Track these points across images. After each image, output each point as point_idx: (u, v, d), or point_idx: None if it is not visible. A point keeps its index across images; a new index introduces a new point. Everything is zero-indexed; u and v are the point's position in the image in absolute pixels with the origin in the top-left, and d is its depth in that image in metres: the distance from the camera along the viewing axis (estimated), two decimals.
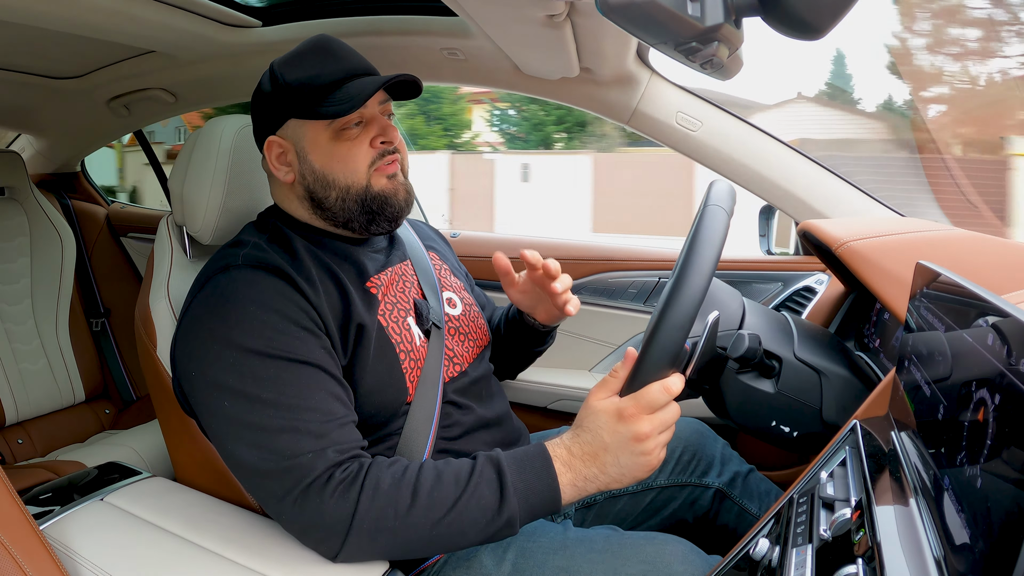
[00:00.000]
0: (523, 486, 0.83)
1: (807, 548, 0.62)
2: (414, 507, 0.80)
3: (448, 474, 0.83)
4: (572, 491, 0.84)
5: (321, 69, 0.97)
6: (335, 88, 0.96)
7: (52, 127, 2.17)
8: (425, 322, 1.03)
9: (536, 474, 0.84)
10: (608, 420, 0.83)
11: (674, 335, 0.80)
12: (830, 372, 0.97)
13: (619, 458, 0.83)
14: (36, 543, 0.75)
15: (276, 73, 0.98)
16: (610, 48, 1.27)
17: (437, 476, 0.83)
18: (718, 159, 1.52)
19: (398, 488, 0.81)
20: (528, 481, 0.83)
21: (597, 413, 0.84)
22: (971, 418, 0.49)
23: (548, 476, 0.83)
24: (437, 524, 0.80)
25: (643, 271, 1.70)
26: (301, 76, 0.96)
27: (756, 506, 1.18)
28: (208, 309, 0.89)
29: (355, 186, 0.98)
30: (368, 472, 0.82)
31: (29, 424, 1.90)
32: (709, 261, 0.80)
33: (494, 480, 0.83)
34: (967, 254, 1.01)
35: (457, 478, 0.83)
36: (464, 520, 0.81)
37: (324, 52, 0.99)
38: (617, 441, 0.83)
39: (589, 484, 0.84)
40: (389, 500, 0.80)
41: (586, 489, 0.84)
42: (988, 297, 0.52)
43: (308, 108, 0.97)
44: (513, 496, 0.82)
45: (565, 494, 0.84)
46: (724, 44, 0.60)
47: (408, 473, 0.83)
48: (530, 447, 0.87)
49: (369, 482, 0.81)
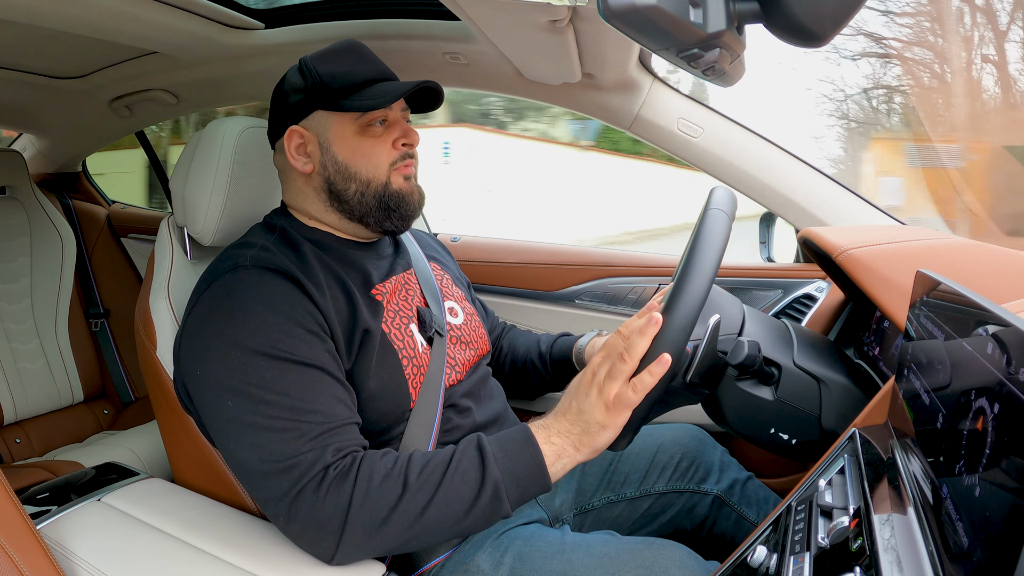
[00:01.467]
0: (504, 457, 0.84)
1: (805, 556, 0.62)
2: (405, 494, 0.81)
3: (435, 459, 0.84)
4: (554, 459, 0.85)
5: (353, 67, 1.00)
6: (365, 86, 1.00)
7: (54, 127, 2.18)
8: (428, 329, 1.04)
9: (517, 445, 0.85)
10: (579, 381, 0.87)
11: (676, 337, 0.80)
12: (829, 380, 0.97)
13: (581, 404, 0.85)
14: (33, 543, 0.75)
15: (307, 66, 1.01)
16: (612, 54, 1.27)
17: (425, 462, 0.84)
18: (719, 166, 1.52)
19: (389, 478, 0.81)
20: (510, 452, 0.84)
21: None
22: (970, 427, 0.49)
23: (530, 446, 0.85)
24: (427, 507, 0.80)
25: (643, 277, 1.70)
26: (334, 71, 1.00)
27: (754, 513, 1.18)
28: (214, 309, 0.89)
29: (375, 181, 1.00)
30: (361, 465, 0.82)
31: (27, 424, 1.90)
32: (711, 264, 0.80)
33: (475, 455, 0.84)
34: (967, 263, 1.01)
35: (442, 460, 0.84)
36: (452, 497, 0.81)
37: (356, 54, 1.03)
38: (576, 386, 0.87)
39: (566, 445, 0.85)
40: (382, 491, 0.80)
41: (565, 451, 0.85)
42: (988, 306, 0.52)
43: (337, 101, 0.99)
44: (494, 465, 0.83)
45: (550, 465, 0.85)
46: (726, 51, 0.60)
47: (398, 463, 0.83)
48: (513, 428, 0.89)
49: (362, 474, 0.81)
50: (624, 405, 0.82)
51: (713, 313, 0.97)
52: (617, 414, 0.83)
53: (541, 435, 0.86)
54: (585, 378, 0.86)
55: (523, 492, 0.84)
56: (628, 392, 0.81)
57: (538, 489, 0.85)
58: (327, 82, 0.99)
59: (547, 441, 0.85)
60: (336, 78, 0.99)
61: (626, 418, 0.83)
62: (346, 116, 1.00)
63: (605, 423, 0.83)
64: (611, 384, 0.83)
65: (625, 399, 0.82)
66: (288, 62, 1.07)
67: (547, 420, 0.88)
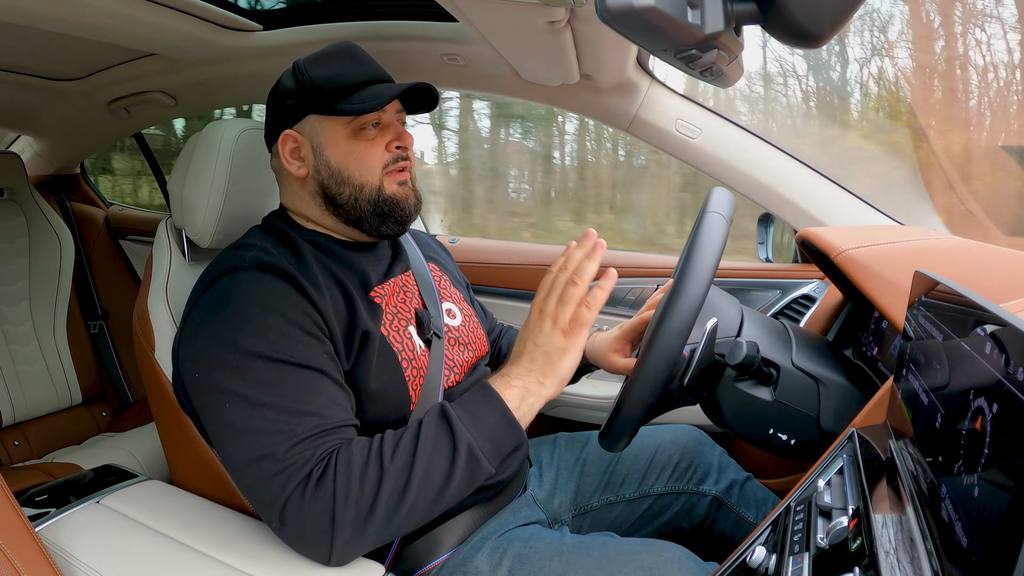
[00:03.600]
0: (468, 416, 0.85)
1: (804, 556, 0.62)
2: (384, 478, 0.80)
3: (404, 435, 0.84)
4: (519, 402, 0.86)
5: (346, 70, 1.00)
6: (359, 88, 1.00)
7: (52, 129, 2.18)
8: (427, 331, 1.04)
9: (478, 401, 0.86)
10: (526, 324, 0.89)
11: (672, 341, 0.80)
12: (828, 380, 0.97)
13: (535, 339, 0.87)
14: (31, 545, 0.75)
15: (300, 70, 1.00)
16: (610, 55, 1.27)
17: (396, 441, 0.83)
18: (717, 166, 1.52)
19: (367, 467, 0.81)
20: (472, 411, 0.85)
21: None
22: (969, 427, 0.49)
23: (490, 399, 0.86)
24: (408, 485, 0.80)
25: (641, 279, 1.70)
26: (326, 74, 0.99)
27: (753, 514, 1.18)
28: (213, 310, 0.89)
29: (368, 186, 1.00)
30: (337, 461, 0.81)
31: (26, 426, 1.90)
32: (708, 267, 0.80)
33: (442, 422, 0.85)
34: (965, 262, 1.01)
35: (412, 435, 0.84)
36: (429, 469, 0.81)
37: (350, 56, 1.02)
38: (524, 329, 0.89)
39: (529, 383, 0.87)
40: (362, 481, 0.80)
41: (529, 390, 0.87)
42: (986, 306, 0.52)
43: (330, 105, 0.99)
44: (461, 427, 0.83)
45: (516, 410, 0.86)
46: (724, 52, 0.60)
47: (372, 449, 0.83)
48: (473, 387, 0.90)
49: (340, 469, 0.80)
50: (581, 324, 0.85)
51: (711, 315, 0.97)
52: (576, 335, 0.86)
53: (500, 383, 0.87)
54: (532, 317, 0.88)
55: (497, 446, 0.85)
56: (583, 311, 0.85)
57: (512, 439, 0.86)
58: (320, 85, 0.98)
59: (507, 387, 0.87)
60: (328, 81, 0.99)
61: (584, 337, 0.86)
62: (339, 120, 0.99)
63: (565, 346, 0.86)
64: (564, 309, 0.85)
65: (582, 318, 0.85)
66: (286, 64, 1.06)
67: (504, 368, 0.89)
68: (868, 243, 1.05)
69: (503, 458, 0.86)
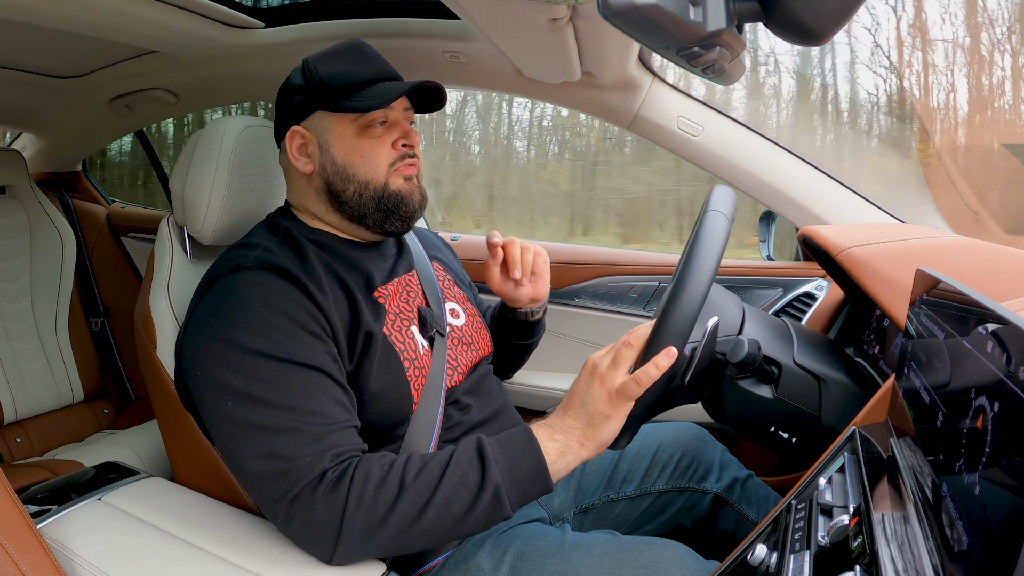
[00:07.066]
0: (505, 459, 0.83)
1: (805, 554, 0.62)
2: (402, 495, 0.80)
3: (432, 461, 0.84)
4: (557, 456, 0.84)
5: (353, 68, 1.00)
6: (366, 86, 0.99)
7: (54, 126, 2.17)
8: (429, 329, 1.04)
9: (518, 447, 0.84)
10: (579, 376, 0.87)
11: (673, 341, 0.79)
12: (829, 378, 0.97)
13: (583, 396, 0.85)
14: (33, 542, 0.75)
15: (308, 67, 1.01)
16: (612, 52, 1.27)
17: (422, 464, 0.83)
18: (719, 164, 1.52)
19: (385, 481, 0.81)
20: (510, 454, 0.84)
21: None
22: (970, 425, 0.49)
23: (531, 447, 0.84)
24: (425, 509, 0.80)
25: (643, 276, 1.70)
26: (334, 71, 0.99)
27: (754, 512, 1.18)
28: (216, 309, 0.89)
29: (374, 182, 1.00)
30: (356, 468, 0.82)
31: (27, 423, 1.90)
32: (709, 266, 0.80)
33: (475, 457, 0.84)
34: (967, 261, 1.01)
35: (440, 462, 0.83)
36: (450, 499, 0.81)
37: (358, 53, 1.02)
38: (577, 381, 0.87)
39: (571, 442, 0.85)
40: (378, 494, 0.80)
41: (569, 448, 0.85)
42: (988, 304, 0.52)
43: (337, 102, 0.99)
44: (495, 467, 0.82)
45: (552, 464, 0.84)
46: (726, 49, 0.60)
47: (395, 465, 0.83)
48: (514, 428, 0.88)
49: (358, 478, 0.80)
50: (626, 397, 0.82)
51: (712, 313, 0.97)
52: (620, 406, 0.83)
53: (543, 434, 0.85)
54: (585, 371, 0.86)
55: (524, 494, 0.84)
56: (631, 384, 0.81)
57: (539, 490, 0.84)
58: (327, 82, 0.99)
59: (550, 439, 0.85)
60: (336, 78, 0.99)
61: (628, 409, 0.83)
62: (345, 117, 1.00)
63: (609, 413, 0.83)
64: (614, 372, 0.83)
65: (628, 391, 0.81)
66: (288, 61, 1.07)
67: (550, 419, 0.87)
68: (870, 241, 1.04)
69: (525, 504, 0.86)
